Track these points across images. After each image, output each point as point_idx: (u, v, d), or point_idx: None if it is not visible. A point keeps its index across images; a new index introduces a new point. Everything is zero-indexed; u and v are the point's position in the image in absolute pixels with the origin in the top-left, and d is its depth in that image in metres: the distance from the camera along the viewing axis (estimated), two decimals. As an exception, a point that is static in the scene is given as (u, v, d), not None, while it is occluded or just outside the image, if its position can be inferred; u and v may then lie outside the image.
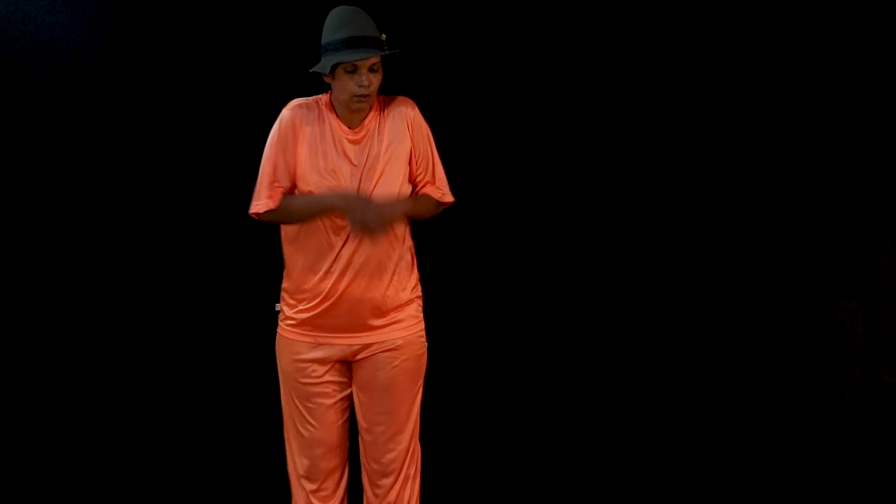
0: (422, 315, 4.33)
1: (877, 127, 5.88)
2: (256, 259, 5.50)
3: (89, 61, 5.81)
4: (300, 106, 4.22)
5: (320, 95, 4.25)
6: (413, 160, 4.24)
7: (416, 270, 4.31)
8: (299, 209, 4.16)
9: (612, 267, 6.05)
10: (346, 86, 4.10)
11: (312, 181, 4.14)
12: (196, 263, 5.91)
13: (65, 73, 5.81)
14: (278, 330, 4.31)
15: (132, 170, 5.87)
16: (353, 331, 4.21)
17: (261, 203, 4.18)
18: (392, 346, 4.24)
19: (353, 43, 4.08)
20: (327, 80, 4.16)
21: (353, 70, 4.08)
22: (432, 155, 4.29)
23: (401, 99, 4.29)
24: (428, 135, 4.29)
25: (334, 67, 4.11)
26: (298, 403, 4.25)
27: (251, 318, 5.26)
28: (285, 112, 4.23)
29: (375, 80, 4.12)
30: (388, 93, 4.31)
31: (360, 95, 4.09)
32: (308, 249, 4.18)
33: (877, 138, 5.88)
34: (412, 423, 4.27)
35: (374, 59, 4.10)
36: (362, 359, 4.25)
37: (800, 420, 5.96)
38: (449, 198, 4.31)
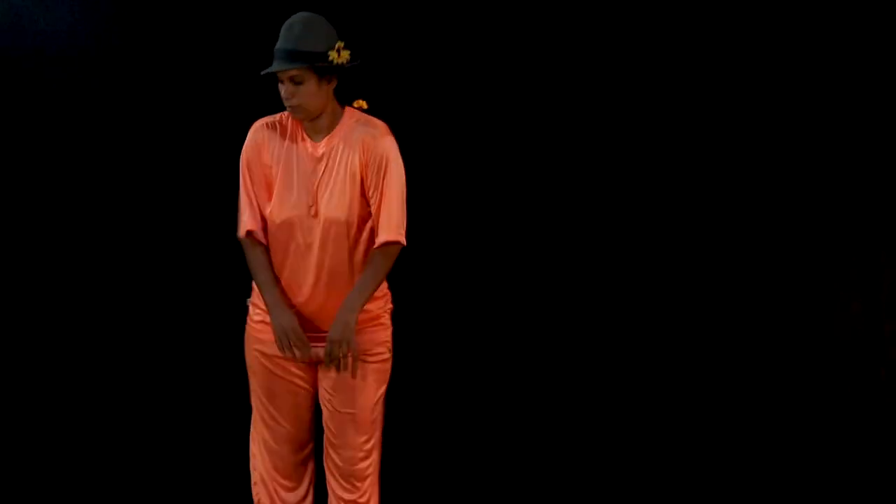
0: (390, 321, 4.35)
1: (879, 128, 5.87)
2: (228, 254, 5.46)
3: (80, 57, 5.81)
4: (264, 126, 4.24)
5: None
6: (364, 187, 4.17)
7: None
8: (254, 273, 4.26)
9: (611, 279, 6.02)
10: (281, 95, 4.15)
11: (282, 199, 4.17)
12: (171, 259, 5.89)
13: (57, 69, 5.80)
14: (247, 327, 4.35)
15: (109, 163, 5.86)
16: (324, 336, 4.20)
17: (241, 225, 4.24)
18: (360, 351, 4.22)
19: (274, 55, 4.11)
20: None
21: (280, 81, 4.11)
22: (388, 190, 4.15)
23: (377, 125, 4.23)
24: (384, 167, 4.14)
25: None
26: (265, 399, 4.30)
27: (221, 313, 5.22)
28: (249, 135, 4.25)
29: (299, 91, 4.08)
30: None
31: (288, 106, 4.12)
32: (283, 258, 4.21)
33: (879, 139, 5.87)
34: (378, 424, 4.32)
35: (293, 72, 4.06)
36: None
37: (801, 419, 5.95)
38: (401, 240, 4.18)
